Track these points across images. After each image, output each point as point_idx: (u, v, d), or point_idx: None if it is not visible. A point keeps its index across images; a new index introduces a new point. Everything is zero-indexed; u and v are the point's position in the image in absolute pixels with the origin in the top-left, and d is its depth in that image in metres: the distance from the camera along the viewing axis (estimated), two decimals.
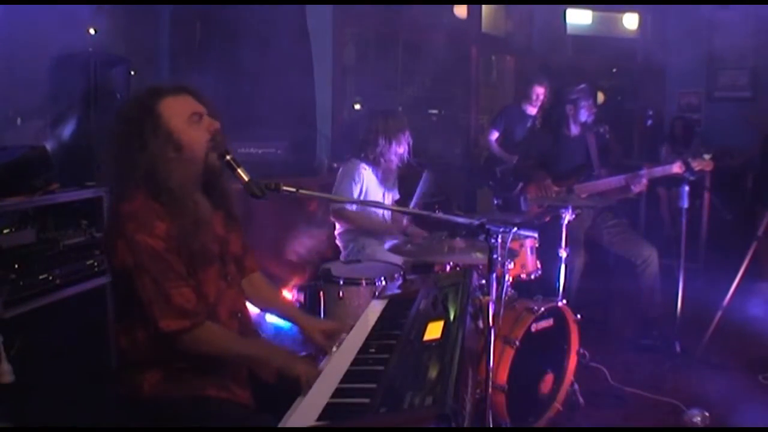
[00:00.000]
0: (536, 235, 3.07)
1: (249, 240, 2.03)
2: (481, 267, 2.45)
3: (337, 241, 3.50)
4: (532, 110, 5.12)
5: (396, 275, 2.78)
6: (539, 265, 3.09)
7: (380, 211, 3.44)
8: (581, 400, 3.04)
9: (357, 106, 5.60)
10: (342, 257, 3.39)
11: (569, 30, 6.62)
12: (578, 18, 6.58)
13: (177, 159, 1.69)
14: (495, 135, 5.18)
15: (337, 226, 3.49)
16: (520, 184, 3.99)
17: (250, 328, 1.91)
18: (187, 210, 1.68)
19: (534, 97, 5.06)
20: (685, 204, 3.40)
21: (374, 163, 3.38)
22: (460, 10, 6.19)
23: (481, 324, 1.69)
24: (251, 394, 1.80)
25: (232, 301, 1.82)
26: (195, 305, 1.66)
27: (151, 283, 1.61)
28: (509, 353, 2.64)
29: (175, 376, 1.69)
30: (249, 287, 2.01)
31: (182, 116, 1.71)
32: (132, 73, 3.10)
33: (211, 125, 1.74)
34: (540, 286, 3.19)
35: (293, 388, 1.52)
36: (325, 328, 1.93)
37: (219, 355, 1.70)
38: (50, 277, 2.50)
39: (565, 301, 2.99)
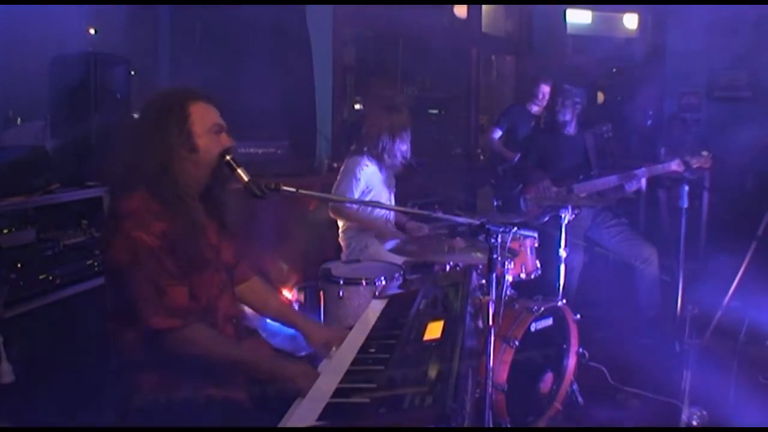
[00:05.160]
0: (536, 235, 3.07)
1: (249, 240, 2.04)
2: (481, 267, 2.45)
3: (340, 239, 3.48)
4: (537, 110, 5.08)
5: (396, 275, 2.78)
6: (539, 265, 3.09)
7: (382, 211, 3.38)
8: (581, 399, 3.04)
9: (357, 106, 5.61)
10: (343, 256, 3.37)
11: (569, 30, 6.61)
12: (578, 18, 6.57)
13: (189, 159, 1.74)
14: (498, 134, 5.15)
15: (340, 223, 3.47)
16: (520, 185, 3.99)
17: (245, 333, 1.92)
18: (186, 210, 1.70)
19: (540, 96, 5.00)
20: (685, 204, 3.39)
21: (378, 160, 3.32)
22: (460, 10, 6.19)
23: (481, 324, 1.70)
24: (250, 394, 1.80)
25: (226, 307, 1.84)
26: (187, 305, 1.68)
27: (145, 280, 1.62)
28: (509, 353, 2.64)
29: (172, 377, 1.70)
30: (249, 293, 2.05)
31: (206, 123, 1.77)
32: (132, 73, 3.10)
33: (227, 141, 1.80)
34: (540, 286, 3.19)
35: (291, 389, 1.52)
36: (326, 338, 1.93)
37: (207, 356, 1.70)
38: (50, 277, 2.49)
39: (564, 301, 2.99)
